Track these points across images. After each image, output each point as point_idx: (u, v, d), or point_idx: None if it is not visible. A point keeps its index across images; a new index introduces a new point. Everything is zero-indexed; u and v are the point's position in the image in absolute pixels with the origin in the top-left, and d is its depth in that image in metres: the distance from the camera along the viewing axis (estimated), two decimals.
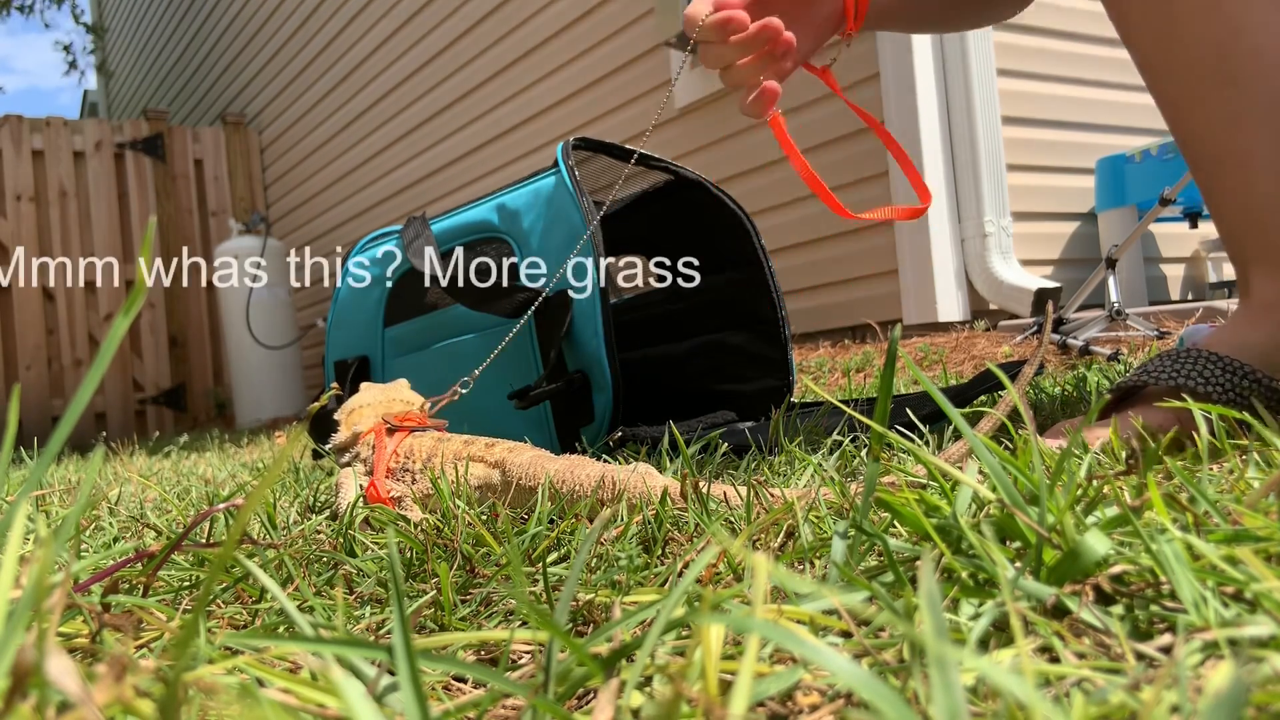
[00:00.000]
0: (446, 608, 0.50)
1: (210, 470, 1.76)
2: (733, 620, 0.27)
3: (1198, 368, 0.72)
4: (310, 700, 0.32)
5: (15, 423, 0.36)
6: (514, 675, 0.42)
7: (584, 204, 1.15)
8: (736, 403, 1.38)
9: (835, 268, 2.70)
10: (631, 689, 0.30)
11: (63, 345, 5.16)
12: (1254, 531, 0.39)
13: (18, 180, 5.12)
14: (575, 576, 0.37)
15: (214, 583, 0.28)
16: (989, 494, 0.42)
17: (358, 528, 0.72)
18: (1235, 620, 0.33)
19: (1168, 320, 2.17)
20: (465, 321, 1.27)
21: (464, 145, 4.09)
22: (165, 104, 7.44)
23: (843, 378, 2.08)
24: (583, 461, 0.76)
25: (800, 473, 0.79)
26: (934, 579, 0.29)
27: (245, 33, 5.89)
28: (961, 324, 2.49)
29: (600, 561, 0.57)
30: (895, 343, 0.45)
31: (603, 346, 1.10)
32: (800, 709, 0.33)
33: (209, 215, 5.62)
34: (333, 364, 1.47)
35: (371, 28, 4.59)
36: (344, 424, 0.96)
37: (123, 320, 0.33)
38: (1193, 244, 3.11)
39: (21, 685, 0.25)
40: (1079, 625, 0.35)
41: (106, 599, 0.48)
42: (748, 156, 2.89)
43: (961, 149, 2.49)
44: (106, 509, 0.98)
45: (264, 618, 0.53)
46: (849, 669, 0.24)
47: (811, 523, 0.55)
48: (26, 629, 0.28)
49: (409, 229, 1.34)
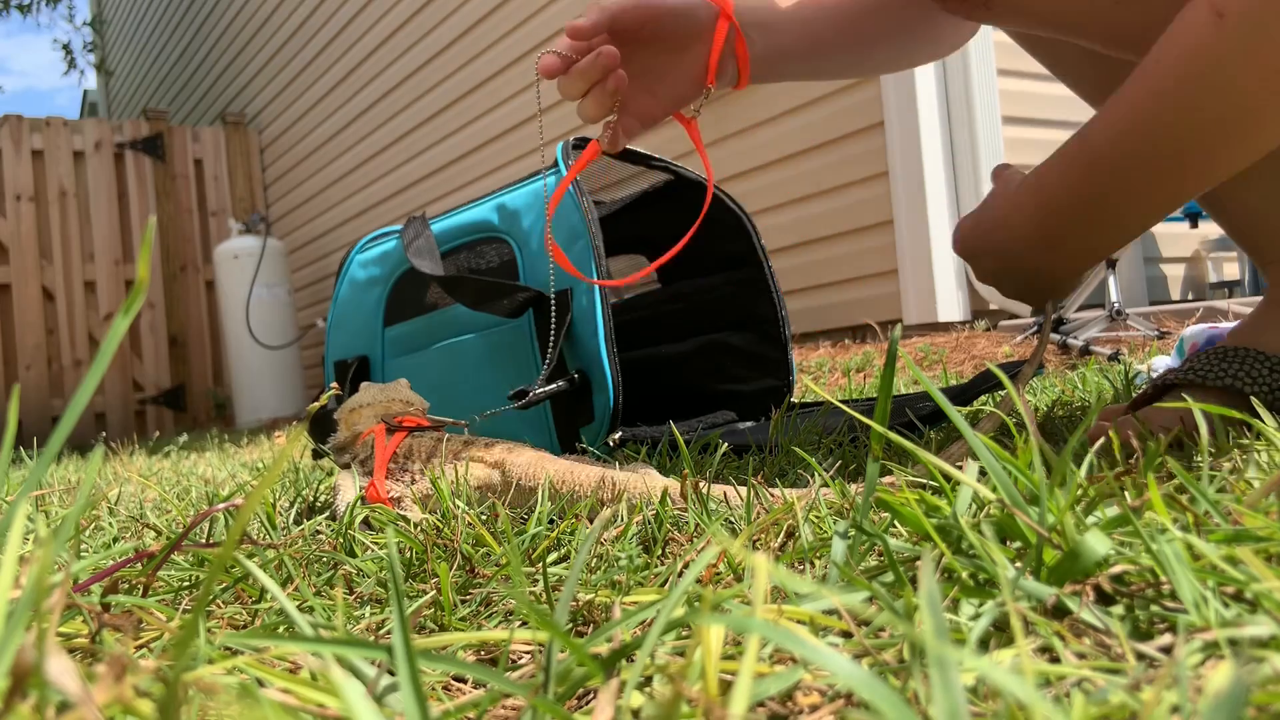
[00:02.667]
0: (446, 608, 0.50)
1: (210, 470, 1.76)
2: (733, 620, 0.27)
3: (1245, 366, 0.72)
4: (310, 700, 0.32)
5: (15, 423, 0.36)
6: (514, 675, 0.42)
7: (584, 204, 1.15)
8: (736, 403, 1.38)
9: (835, 268, 2.70)
10: (631, 689, 0.30)
11: (63, 345, 5.16)
12: (1254, 531, 0.39)
13: (17, 180, 5.12)
14: (575, 576, 0.37)
15: (214, 583, 0.28)
16: (989, 494, 0.42)
17: (357, 528, 0.72)
18: (1236, 620, 0.33)
19: (1168, 320, 2.17)
20: (465, 321, 1.27)
21: (464, 145, 4.09)
22: (165, 104, 7.44)
23: (843, 378, 2.08)
24: (583, 461, 0.76)
25: (795, 474, 0.79)
26: (934, 579, 0.29)
27: (245, 32, 5.89)
28: (962, 324, 2.49)
29: (600, 561, 0.57)
30: (895, 343, 0.45)
31: (603, 346, 1.10)
32: (800, 709, 0.33)
33: (209, 215, 5.62)
34: (333, 364, 1.47)
35: (371, 28, 4.59)
36: (343, 424, 0.96)
37: (123, 320, 0.33)
38: (1193, 244, 3.11)
39: (21, 685, 0.25)
40: (1079, 625, 0.35)
41: (106, 599, 0.48)
42: (748, 156, 2.89)
43: (961, 149, 2.49)
44: (106, 509, 0.98)
45: (264, 618, 0.53)
46: (849, 669, 0.24)
47: (811, 523, 0.55)
48: (26, 629, 0.28)
49: (409, 229, 1.34)
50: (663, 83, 0.90)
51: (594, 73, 0.85)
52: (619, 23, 0.86)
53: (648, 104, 0.90)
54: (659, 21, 0.88)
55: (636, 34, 0.87)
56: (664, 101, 0.90)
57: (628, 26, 0.87)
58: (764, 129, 2.82)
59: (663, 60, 0.89)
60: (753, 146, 2.87)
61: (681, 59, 0.90)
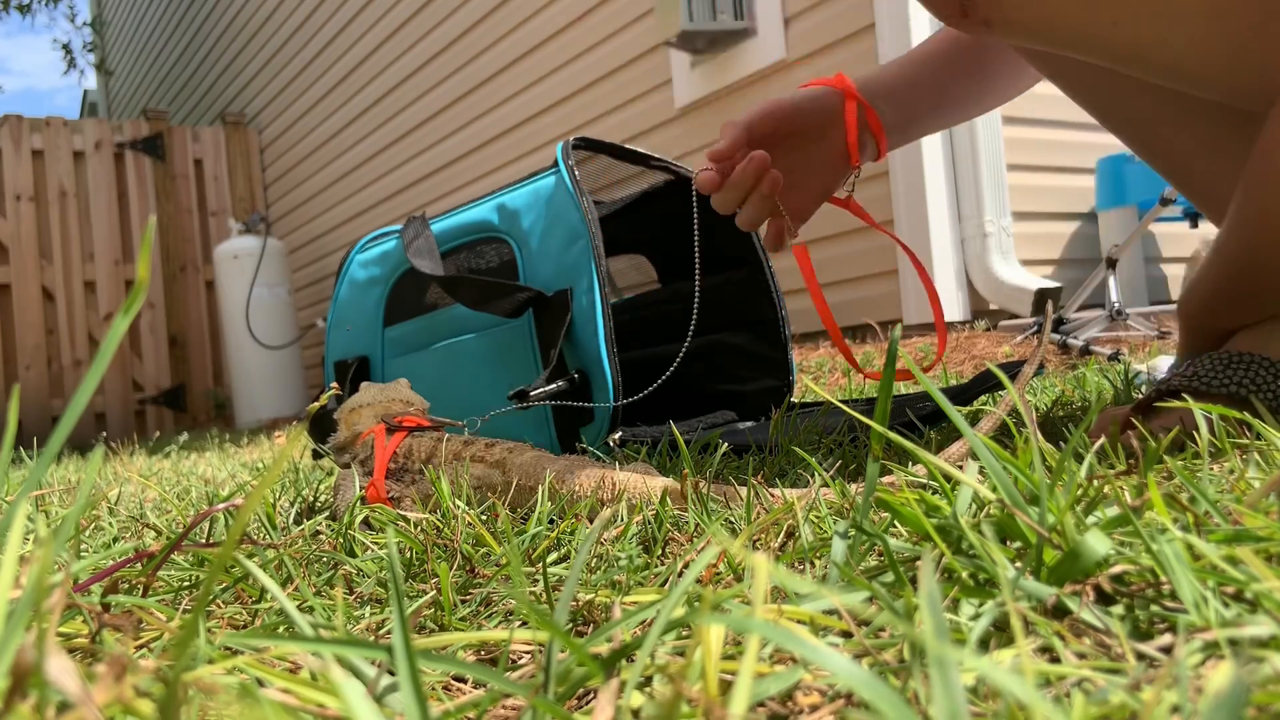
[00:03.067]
0: (446, 608, 0.50)
1: (210, 470, 1.76)
2: (733, 620, 0.27)
3: (1249, 372, 0.72)
4: (310, 700, 0.32)
5: (15, 423, 0.36)
6: (514, 675, 0.42)
7: (584, 204, 1.15)
8: (736, 403, 1.38)
9: (835, 268, 2.70)
10: (631, 689, 0.30)
11: (62, 345, 5.16)
12: (1254, 531, 0.39)
13: (17, 180, 5.12)
14: (575, 576, 0.37)
15: (214, 583, 0.28)
16: (989, 494, 0.42)
17: (357, 528, 0.72)
18: (1236, 620, 0.33)
19: (1168, 320, 2.17)
20: (465, 321, 1.27)
21: (464, 145, 4.09)
22: (165, 104, 7.44)
23: (843, 378, 2.08)
24: (583, 462, 0.76)
25: (795, 474, 0.79)
26: (934, 579, 0.29)
27: (245, 32, 5.89)
28: (962, 324, 2.49)
29: (600, 561, 0.57)
30: (895, 343, 0.45)
31: (603, 346, 1.10)
32: (800, 709, 0.33)
33: (209, 215, 5.62)
34: (333, 364, 1.47)
35: (371, 28, 4.59)
36: (343, 424, 0.96)
37: (122, 320, 0.33)
38: (1193, 244, 3.11)
39: (21, 685, 0.25)
40: (1079, 625, 0.35)
41: (106, 599, 0.48)
42: None
43: (962, 149, 2.49)
44: (106, 509, 0.98)
45: (264, 618, 0.53)
46: (849, 669, 0.24)
47: (811, 523, 0.55)
48: (26, 629, 0.28)
49: (409, 229, 1.34)
50: (810, 174, 0.94)
51: (748, 180, 0.88)
52: (755, 132, 0.90)
53: (800, 198, 0.94)
54: (791, 121, 0.92)
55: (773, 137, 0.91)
56: (815, 191, 0.95)
57: (765, 133, 0.91)
58: None
59: (804, 154, 0.93)
60: None
61: (820, 147, 0.93)
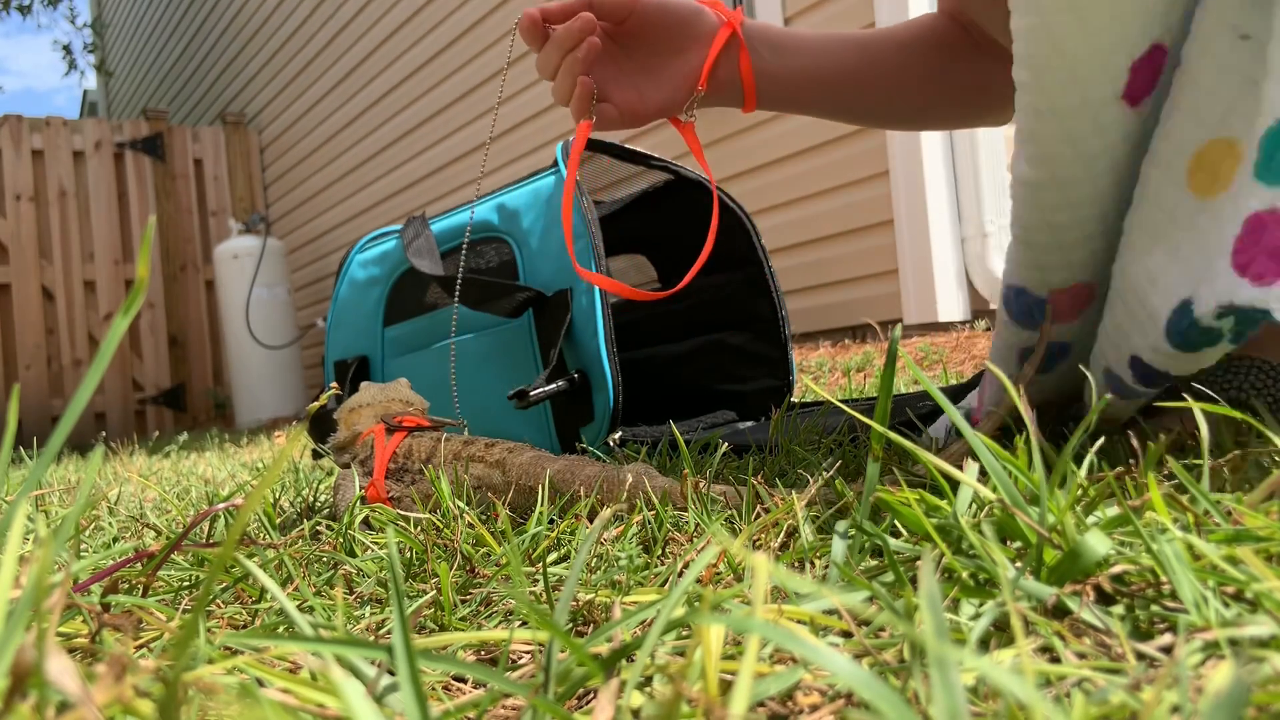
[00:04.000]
0: (446, 608, 0.50)
1: (210, 470, 1.76)
2: (733, 620, 0.27)
3: (1249, 377, 0.72)
4: (310, 700, 0.32)
5: (15, 423, 0.36)
6: (514, 675, 0.42)
7: (584, 203, 1.15)
8: (736, 403, 1.38)
9: (835, 268, 2.70)
10: (631, 689, 0.30)
11: (62, 345, 5.16)
12: (1255, 531, 0.39)
13: (17, 180, 5.12)
14: (575, 576, 0.37)
15: (214, 583, 0.28)
16: (989, 494, 0.42)
17: (357, 528, 0.72)
18: (1236, 620, 0.33)
19: None
20: (465, 321, 1.27)
21: (464, 145, 4.09)
22: (165, 104, 7.44)
23: (843, 378, 2.08)
24: (583, 461, 0.76)
25: (795, 474, 0.79)
26: (934, 579, 0.29)
27: (245, 33, 5.89)
28: (962, 324, 2.49)
29: (600, 561, 0.57)
30: (895, 342, 0.45)
31: (603, 346, 1.10)
32: (800, 709, 0.33)
33: (209, 215, 5.62)
34: (332, 364, 1.48)
35: (371, 28, 4.58)
36: (343, 424, 0.96)
37: (122, 320, 0.33)
38: None
39: (21, 685, 0.25)
40: (1079, 625, 0.35)
41: (106, 599, 0.48)
42: (748, 156, 2.89)
43: (962, 149, 2.49)
44: (106, 509, 0.98)
45: (264, 618, 0.53)
46: (849, 669, 0.24)
47: (811, 523, 0.55)
48: (26, 629, 0.28)
49: (409, 229, 1.34)
50: (652, 82, 0.89)
51: (568, 41, 0.84)
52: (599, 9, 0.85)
53: (631, 98, 0.89)
54: (645, 16, 0.87)
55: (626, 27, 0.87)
56: (651, 101, 0.90)
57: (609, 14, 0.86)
58: (764, 129, 2.82)
59: (655, 61, 0.89)
60: (753, 146, 2.87)
61: (674, 62, 0.89)
